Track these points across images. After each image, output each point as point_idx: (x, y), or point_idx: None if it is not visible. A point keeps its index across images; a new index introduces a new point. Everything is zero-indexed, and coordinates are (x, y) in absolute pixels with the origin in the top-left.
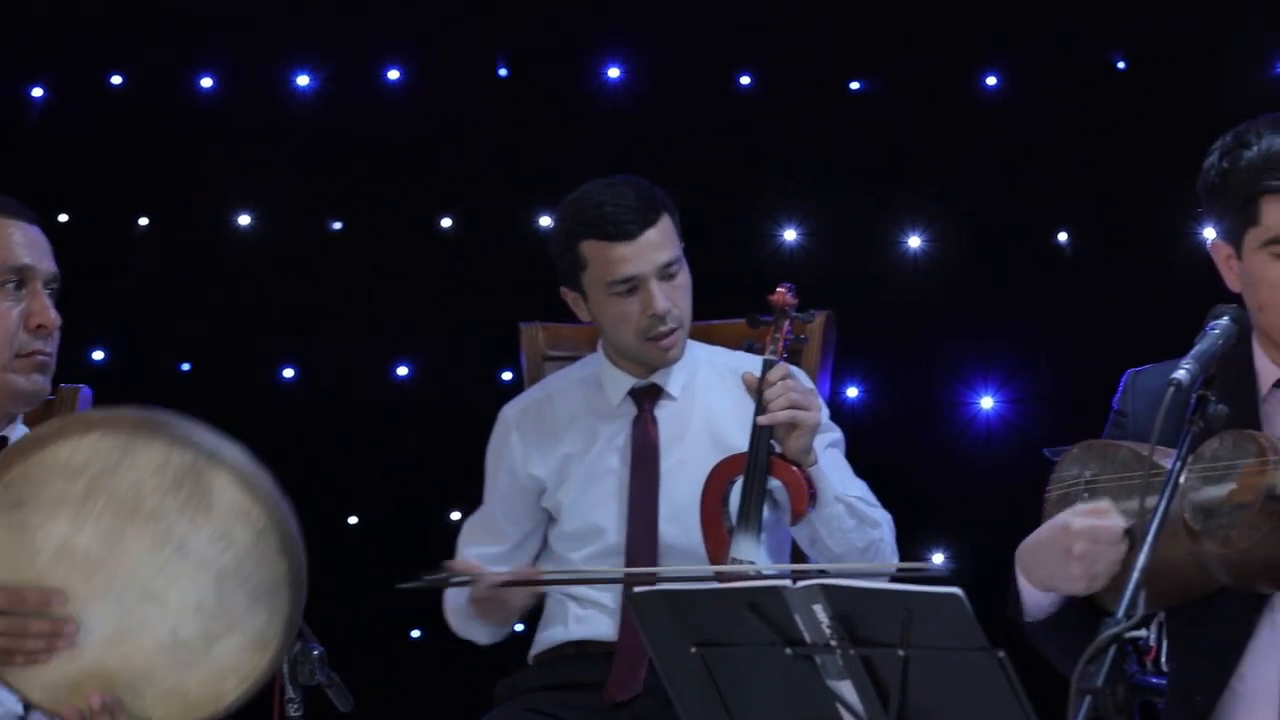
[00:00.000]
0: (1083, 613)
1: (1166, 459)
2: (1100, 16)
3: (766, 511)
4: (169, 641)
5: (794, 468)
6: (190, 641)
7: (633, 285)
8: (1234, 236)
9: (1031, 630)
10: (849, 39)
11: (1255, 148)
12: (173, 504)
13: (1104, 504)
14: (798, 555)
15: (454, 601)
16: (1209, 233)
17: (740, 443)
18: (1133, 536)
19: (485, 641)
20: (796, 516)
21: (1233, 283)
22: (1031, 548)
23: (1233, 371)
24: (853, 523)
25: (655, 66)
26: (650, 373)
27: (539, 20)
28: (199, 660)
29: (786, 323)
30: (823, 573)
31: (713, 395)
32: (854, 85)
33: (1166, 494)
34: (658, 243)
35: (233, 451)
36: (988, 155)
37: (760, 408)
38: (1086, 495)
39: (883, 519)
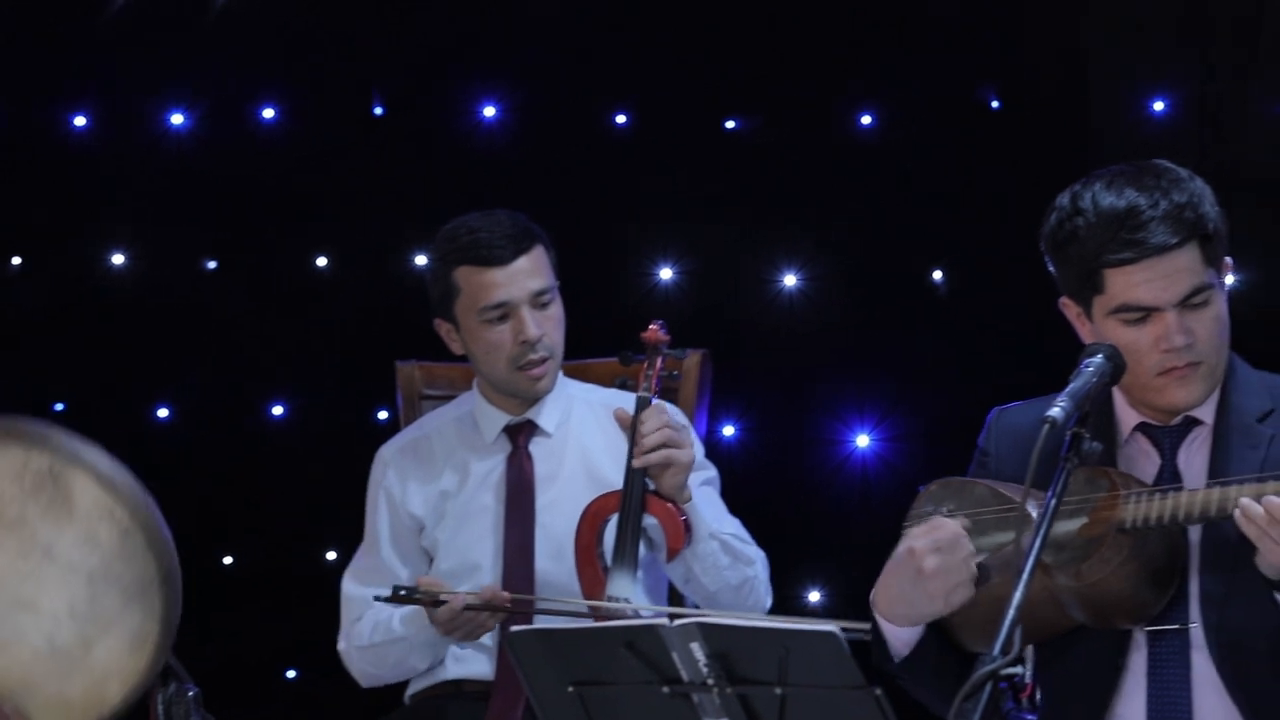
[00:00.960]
0: (940, 649)
1: (1017, 497)
2: (973, 55)
3: (642, 549)
4: (46, 649)
5: (669, 505)
6: (68, 648)
7: (504, 312)
8: (1082, 300)
9: (898, 672)
10: (724, 77)
11: (1091, 215)
12: (35, 509)
13: (936, 520)
14: (674, 593)
15: (383, 635)
16: (1057, 279)
17: (616, 480)
18: (985, 572)
19: (423, 669)
20: (671, 554)
21: (1086, 339)
22: (886, 584)
23: (1096, 413)
24: (727, 560)
25: (530, 105)
26: (525, 408)
27: (414, 59)
28: (78, 666)
29: (659, 360)
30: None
31: (587, 431)
32: (729, 124)
33: (1043, 530)
34: (530, 270)
35: (91, 452)
36: (863, 193)
37: (634, 445)
38: None
39: (757, 556)
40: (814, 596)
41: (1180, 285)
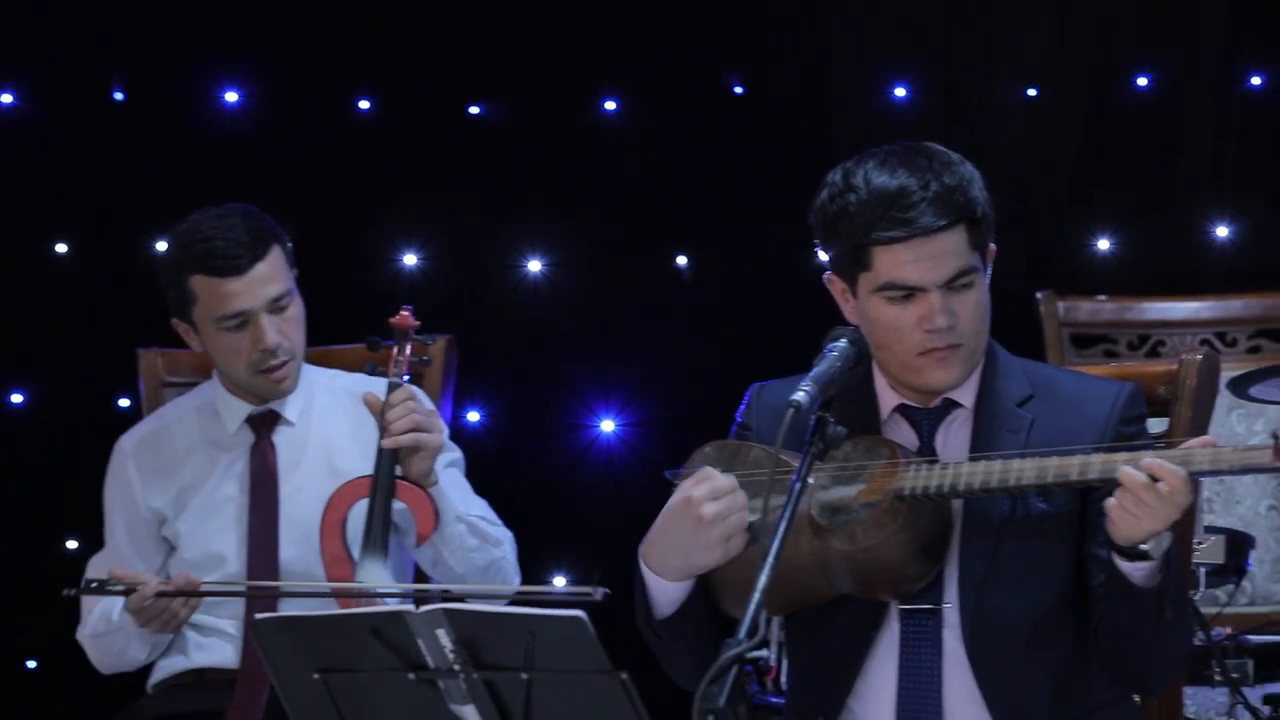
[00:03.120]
0: (703, 609)
1: (796, 461)
2: (717, 41)
3: (391, 535)
4: None
5: (417, 490)
6: None
7: (243, 320)
8: (848, 276)
9: (660, 631)
10: (468, 63)
11: (863, 192)
12: None
13: (705, 470)
14: (420, 577)
15: (105, 625)
16: (824, 255)
17: (359, 466)
18: (755, 531)
19: (144, 660)
20: (421, 539)
21: (850, 315)
22: (660, 536)
23: (856, 394)
24: (475, 542)
25: (273, 90)
26: (267, 400)
27: (156, 44)
28: None
29: (408, 345)
30: (445, 595)
31: (330, 419)
32: (474, 109)
33: (786, 516)
34: (267, 276)
35: None
36: (608, 179)
37: (383, 430)
38: None
39: (504, 537)
40: (559, 581)
41: (946, 267)
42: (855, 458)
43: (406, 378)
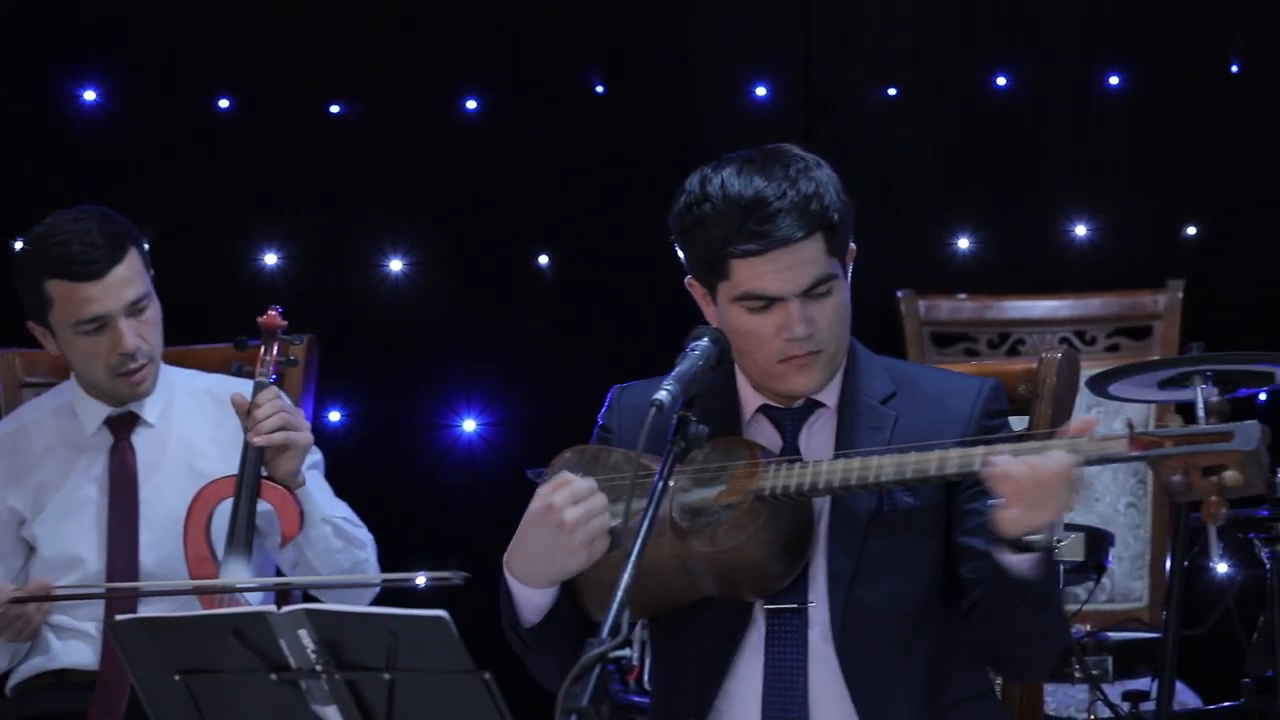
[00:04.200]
0: (570, 614)
1: (656, 464)
2: (577, 40)
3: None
4: None
5: (283, 490)
6: None
7: (100, 324)
8: (706, 283)
9: (529, 639)
10: (328, 62)
11: (719, 202)
12: None
13: (563, 475)
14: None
15: None
16: (683, 259)
17: (220, 468)
18: (616, 535)
19: (4, 667)
20: (286, 539)
21: (711, 319)
22: (522, 543)
23: (719, 394)
24: (339, 544)
25: (132, 89)
26: (126, 401)
27: (17, 44)
28: None
29: (275, 345)
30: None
31: (191, 421)
32: (334, 109)
33: (648, 516)
34: (125, 279)
35: None
36: (469, 178)
37: (250, 430)
38: None
39: (367, 540)
40: (420, 581)
41: (804, 276)
42: (715, 459)
43: (274, 378)
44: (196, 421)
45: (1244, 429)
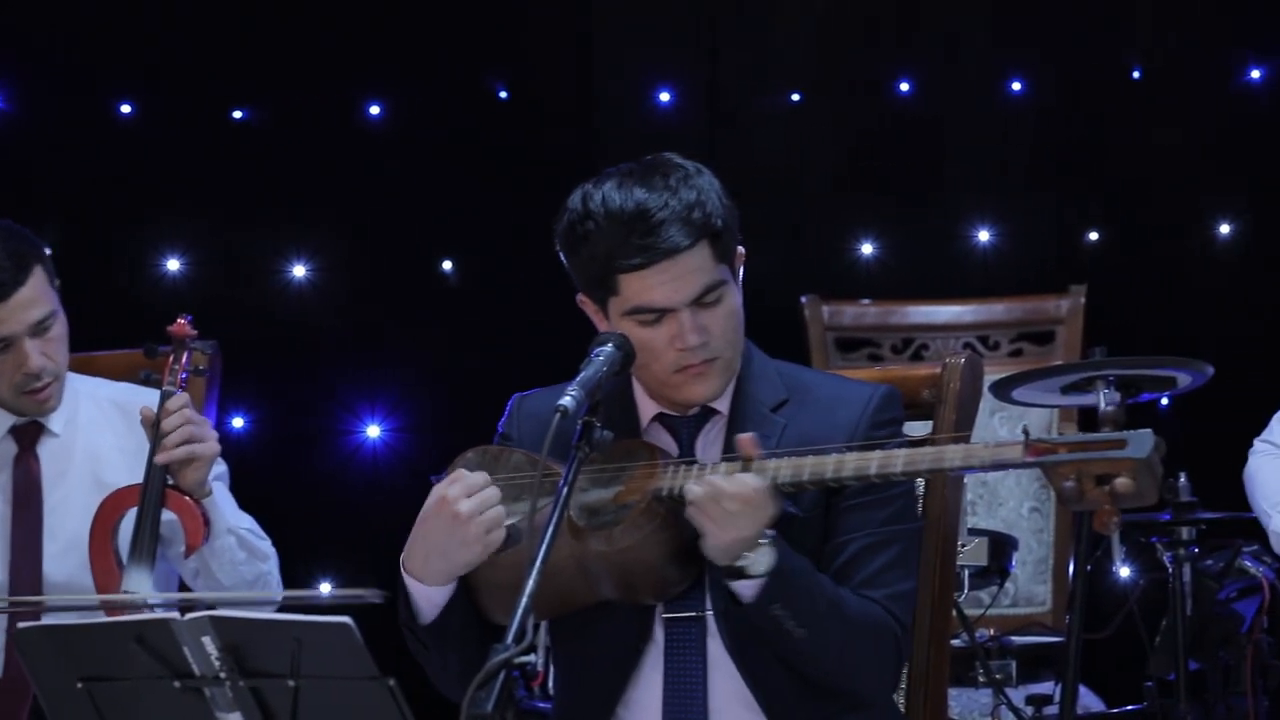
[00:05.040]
0: (466, 612)
1: (559, 468)
2: (481, 47)
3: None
4: None
5: (188, 500)
6: None
7: (5, 345)
8: (597, 299)
9: (425, 638)
10: (231, 67)
11: (601, 218)
12: None
13: (458, 471)
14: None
15: None
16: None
17: (126, 478)
18: (515, 533)
19: None
20: (190, 550)
21: (604, 330)
22: (418, 539)
23: (618, 401)
24: (244, 555)
25: (35, 95)
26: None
27: None
28: None
29: (185, 354)
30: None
31: (96, 431)
32: (237, 114)
33: (554, 521)
34: (30, 301)
35: None
36: (373, 183)
37: (158, 439)
38: None
39: (271, 552)
40: (325, 588)
41: (692, 286)
42: (614, 459)
43: (183, 387)
44: (102, 431)
45: (1137, 437)
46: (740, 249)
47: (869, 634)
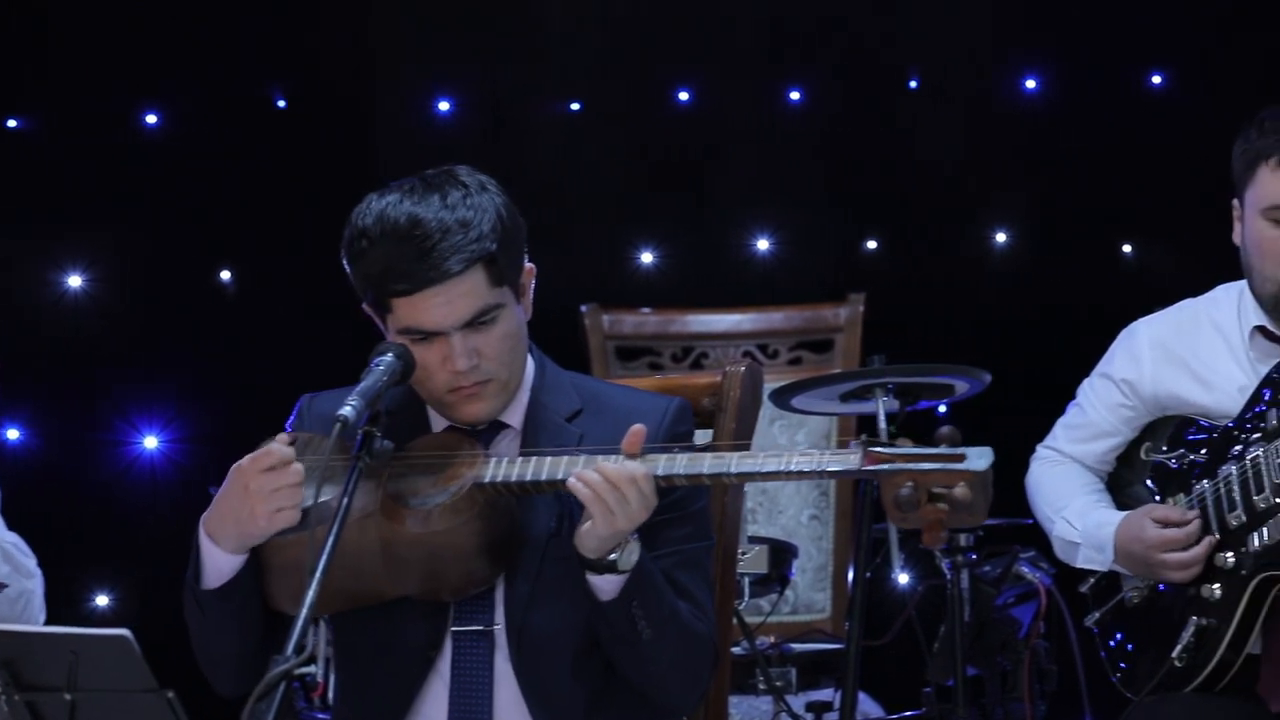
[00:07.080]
0: (252, 591)
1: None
2: (258, 53)
3: None
4: None
5: None
6: None
7: None
8: (376, 313)
9: (206, 600)
10: (4, 74)
11: (375, 237)
12: None
13: (268, 446)
14: None
15: None
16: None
17: None
18: (309, 515)
19: None
20: None
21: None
22: (217, 503)
23: (406, 410)
24: (6, 569)
25: None
26: None
27: None
28: None
29: None
30: None
31: None
32: (11, 122)
33: (334, 532)
34: None
35: None
36: (149, 192)
37: None
38: None
39: (36, 572)
40: (102, 600)
41: (462, 310)
42: (436, 447)
43: None
44: None
45: (976, 452)
46: (529, 265)
47: (696, 644)
